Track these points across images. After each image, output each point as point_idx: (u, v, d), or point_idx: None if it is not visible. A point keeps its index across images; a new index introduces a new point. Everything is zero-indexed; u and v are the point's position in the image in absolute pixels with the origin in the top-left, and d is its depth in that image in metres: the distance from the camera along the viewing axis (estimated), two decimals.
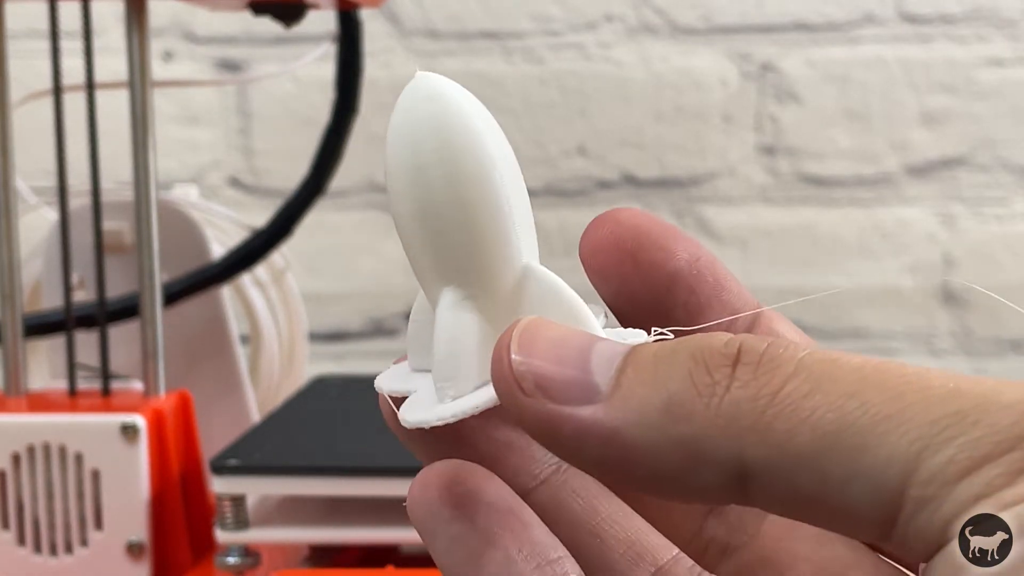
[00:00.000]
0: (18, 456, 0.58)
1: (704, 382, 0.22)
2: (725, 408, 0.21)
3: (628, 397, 0.22)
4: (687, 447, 0.21)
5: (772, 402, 0.21)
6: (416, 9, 1.01)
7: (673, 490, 0.22)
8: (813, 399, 0.21)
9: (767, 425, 0.21)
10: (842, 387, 0.21)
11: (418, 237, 0.25)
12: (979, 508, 0.19)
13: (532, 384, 0.22)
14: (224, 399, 0.73)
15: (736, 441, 0.21)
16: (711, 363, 0.22)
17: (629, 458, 0.22)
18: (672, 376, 0.22)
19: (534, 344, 0.23)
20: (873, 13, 1.00)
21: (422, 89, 0.25)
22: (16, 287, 0.62)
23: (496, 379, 0.23)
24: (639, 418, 0.22)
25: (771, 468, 0.21)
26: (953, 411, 0.20)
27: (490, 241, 0.24)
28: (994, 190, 1.00)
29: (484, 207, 0.24)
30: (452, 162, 0.24)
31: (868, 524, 0.20)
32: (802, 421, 0.20)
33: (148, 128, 0.61)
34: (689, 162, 1.01)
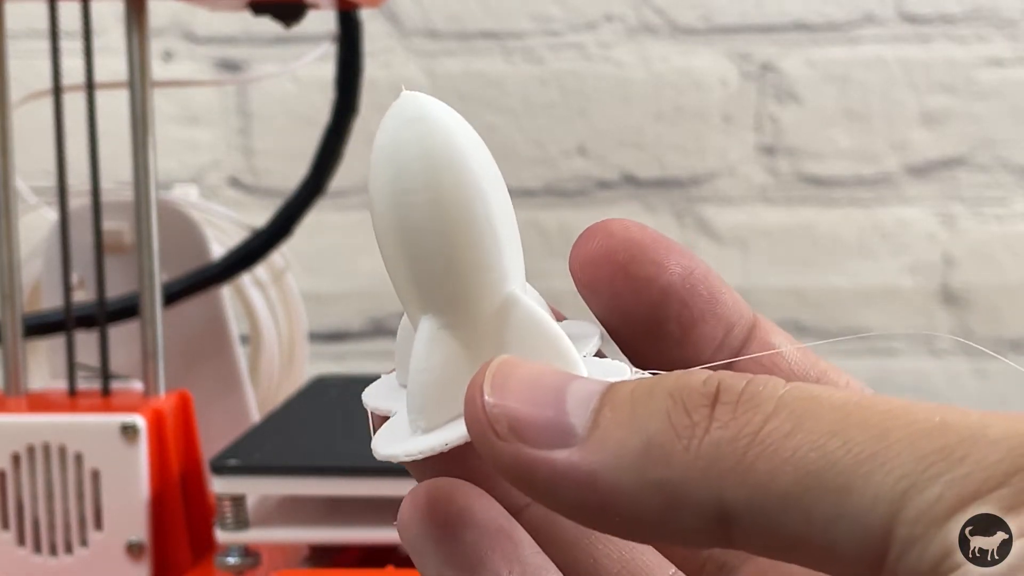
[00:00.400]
0: (18, 456, 0.58)
1: (683, 423, 0.21)
2: (704, 450, 0.21)
3: (605, 439, 0.21)
4: (666, 491, 0.21)
5: (752, 443, 0.20)
6: (416, 9, 1.01)
7: (653, 535, 0.22)
8: (795, 438, 0.20)
9: (748, 466, 0.20)
10: (824, 425, 0.20)
11: (399, 262, 0.24)
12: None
13: (506, 427, 0.22)
14: (224, 399, 0.73)
15: (716, 484, 0.20)
16: (689, 403, 0.21)
17: (607, 503, 0.21)
18: (650, 417, 0.21)
19: (507, 384, 0.22)
20: (873, 13, 1.00)
21: (408, 110, 0.24)
22: (16, 287, 0.62)
23: (469, 421, 0.22)
24: (616, 461, 0.21)
25: (753, 511, 0.20)
26: (939, 447, 0.19)
27: (471, 270, 0.24)
28: (994, 190, 1.00)
29: (466, 234, 0.24)
30: (435, 188, 0.23)
31: (855, 565, 0.20)
32: (784, 461, 0.20)
33: (148, 128, 0.61)
34: (689, 162, 1.01)
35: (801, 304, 1.01)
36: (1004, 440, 0.19)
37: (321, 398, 0.72)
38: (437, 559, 0.24)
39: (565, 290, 0.91)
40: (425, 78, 1.01)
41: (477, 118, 1.01)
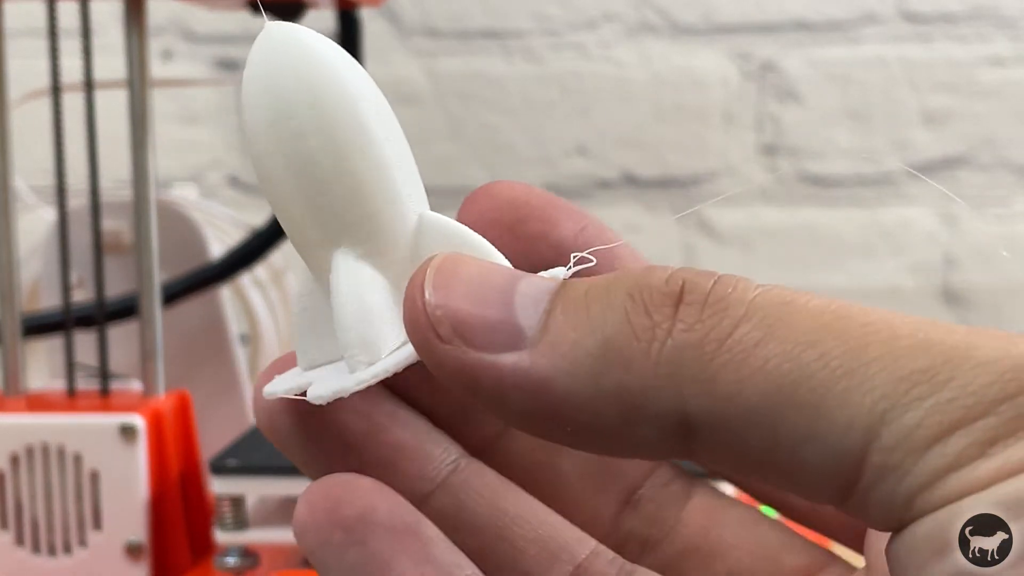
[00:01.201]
0: (17, 457, 0.58)
1: (643, 324, 0.19)
2: (667, 355, 0.19)
3: (557, 342, 0.20)
4: (624, 398, 0.19)
5: (720, 349, 0.19)
6: (416, 9, 1.01)
7: (610, 446, 0.20)
8: (766, 347, 0.19)
9: (713, 375, 0.19)
10: (799, 334, 0.19)
11: (295, 199, 0.22)
12: (948, 481, 0.17)
13: (449, 329, 0.20)
14: (224, 399, 0.72)
15: (678, 392, 0.19)
16: (650, 302, 0.19)
17: (560, 411, 0.19)
18: (607, 317, 0.20)
19: (451, 283, 0.20)
20: (874, 12, 1.00)
21: (277, 37, 0.22)
22: (15, 287, 0.62)
23: (409, 324, 0.20)
24: (570, 366, 0.19)
25: (717, 423, 0.19)
26: (922, 367, 0.18)
27: (378, 190, 0.22)
28: (995, 190, 1.00)
29: (365, 154, 0.22)
30: (324, 109, 0.22)
31: (822, 490, 0.19)
32: (754, 372, 0.18)
33: (147, 127, 0.61)
34: (689, 162, 1.01)
35: None
36: (993, 363, 0.18)
37: None
38: (340, 568, 0.22)
39: None
40: (425, 78, 1.01)
41: (477, 118, 1.01)
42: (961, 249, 1.01)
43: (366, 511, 0.22)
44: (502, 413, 0.20)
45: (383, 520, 0.22)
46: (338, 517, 0.21)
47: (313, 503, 0.22)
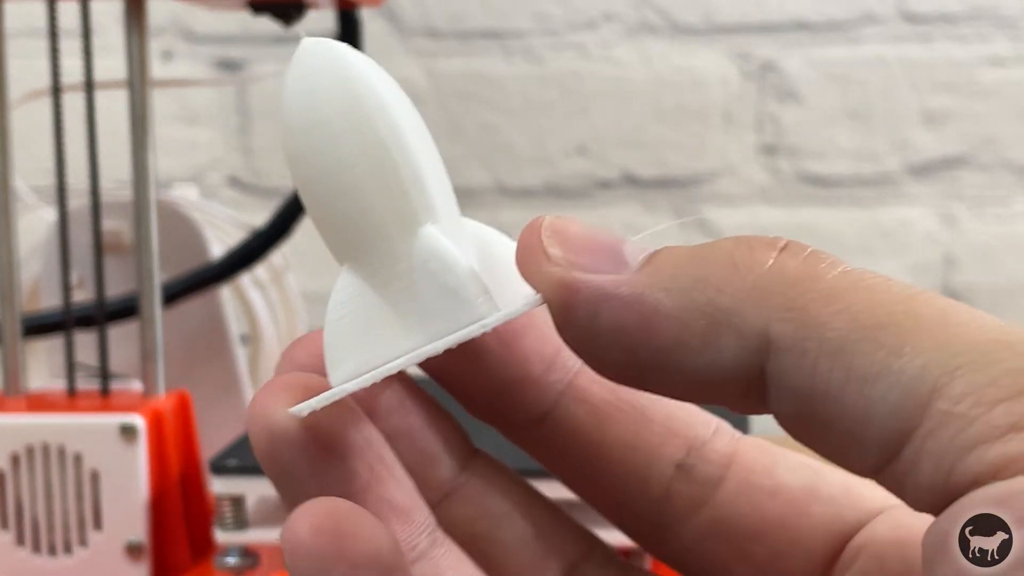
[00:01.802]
0: (17, 456, 0.58)
1: (744, 258, 0.21)
2: (762, 281, 0.20)
3: (660, 268, 0.21)
4: (711, 314, 0.20)
5: (813, 286, 0.20)
6: (416, 9, 1.01)
7: (688, 361, 0.21)
8: (857, 294, 0.20)
9: (803, 305, 0.20)
10: (889, 296, 0.20)
11: (313, 210, 0.23)
12: (1008, 441, 0.18)
13: (559, 254, 0.21)
14: (224, 399, 0.72)
15: (766, 313, 0.20)
16: (755, 243, 0.21)
17: (649, 323, 0.21)
18: (710, 253, 0.21)
19: (566, 227, 0.22)
20: (874, 12, 1.00)
21: (316, 48, 0.23)
22: (15, 287, 0.62)
23: (521, 249, 0.22)
24: (668, 283, 0.21)
25: (796, 348, 0.20)
26: (1000, 339, 0.19)
27: (376, 211, 0.23)
28: (995, 190, 1.00)
29: (364, 167, 0.22)
30: (361, 134, 0.22)
31: (882, 432, 0.19)
32: (842, 309, 0.19)
33: (147, 128, 0.61)
34: (689, 162, 1.01)
35: None
36: None
37: None
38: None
39: None
40: (425, 78, 1.01)
41: (477, 118, 1.01)
42: (961, 249, 1.01)
43: (376, 553, 0.21)
44: (591, 325, 0.21)
45: (386, 567, 0.21)
46: (347, 552, 0.21)
47: (319, 527, 0.21)
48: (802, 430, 0.20)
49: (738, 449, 0.25)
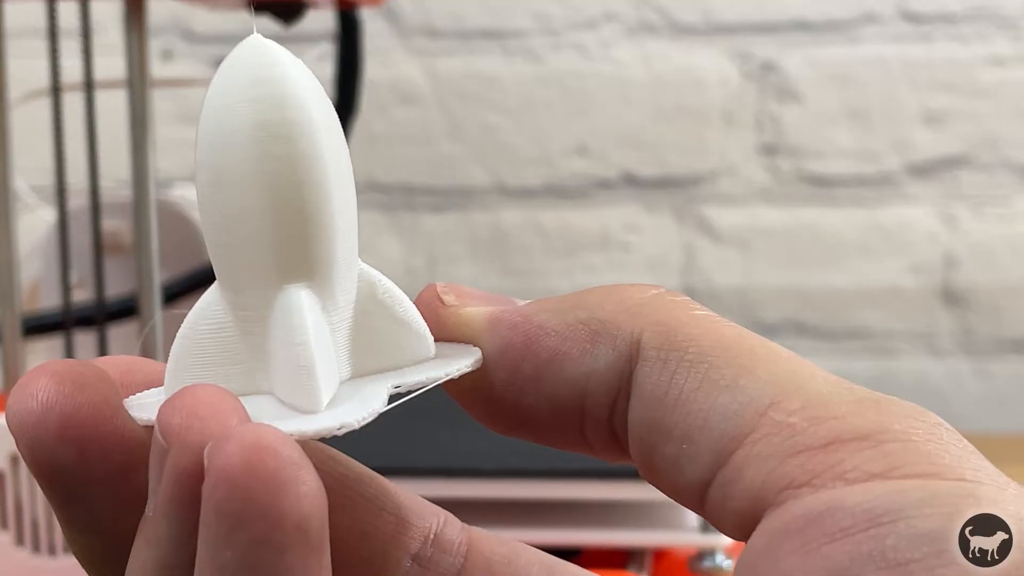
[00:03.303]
0: (17, 457, 0.58)
1: (624, 289, 0.23)
2: (639, 304, 0.22)
3: (545, 301, 0.23)
4: (592, 327, 0.22)
5: (684, 313, 0.22)
6: (416, 8, 1.01)
7: (567, 369, 0.22)
8: (722, 327, 0.22)
9: (673, 325, 0.22)
10: (750, 335, 0.22)
11: (258, 227, 0.21)
12: (834, 451, 0.19)
13: (452, 296, 0.24)
14: None
15: (640, 325, 0.22)
16: (637, 284, 0.23)
17: (533, 339, 0.23)
18: (593, 290, 0.23)
19: (459, 286, 0.24)
20: (874, 12, 1.00)
21: (248, 48, 0.21)
22: (15, 287, 0.62)
23: (418, 300, 0.24)
24: (551, 305, 0.23)
25: (660, 357, 0.21)
26: (843, 384, 0.20)
27: (344, 234, 0.22)
28: (995, 190, 1.00)
29: (331, 194, 0.21)
30: (306, 138, 0.21)
31: (716, 440, 0.20)
32: (706, 333, 0.21)
33: (147, 127, 0.61)
34: (689, 162, 1.01)
35: (802, 304, 1.01)
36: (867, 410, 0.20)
37: None
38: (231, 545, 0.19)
39: (565, 290, 0.92)
40: (425, 78, 1.01)
41: (477, 118, 1.01)
42: (961, 249, 1.01)
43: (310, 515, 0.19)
44: (484, 343, 0.23)
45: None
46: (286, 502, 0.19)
47: (255, 462, 0.18)
48: (646, 445, 0.22)
49: (472, 538, 0.25)
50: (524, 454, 0.56)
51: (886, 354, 1.01)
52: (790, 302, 1.01)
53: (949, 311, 1.01)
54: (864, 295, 1.01)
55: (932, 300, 1.01)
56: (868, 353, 1.01)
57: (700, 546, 0.56)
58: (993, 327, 1.01)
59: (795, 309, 1.01)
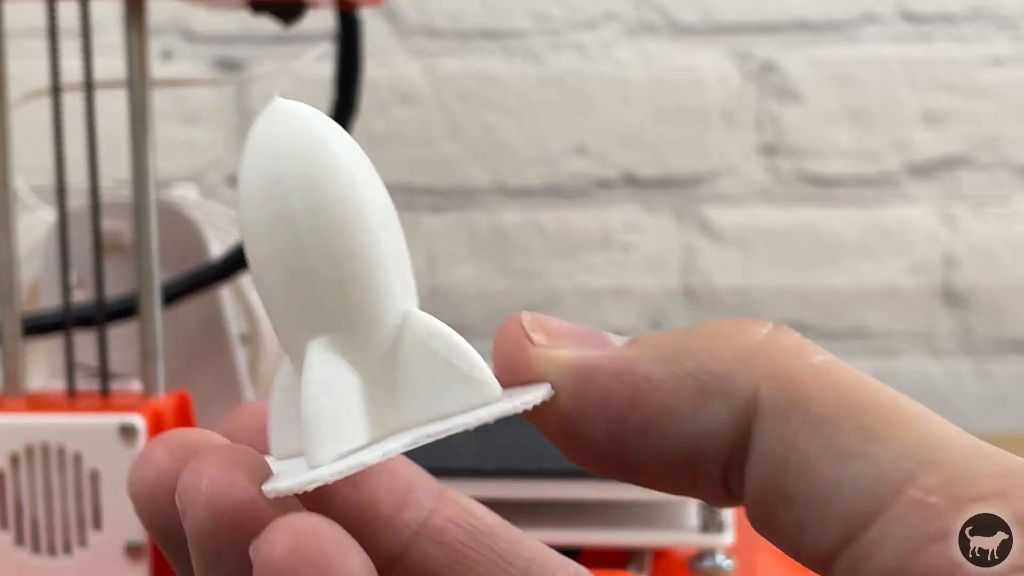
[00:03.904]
0: (16, 456, 0.58)
1: (733, 330, 0.21)
2: (751, 351, 0.20)
3: (646, 343, 0.21)
4: (703, 380, 0.20)
5: (802, 362, 0.20)
6: (416, 8, 1.01)
7: (676, 427, 0.21)
8: (847, 374, 0.20)
9: (792, 377, 0.20)
10: (874, 385, 0.20)
11: (278, 281, 0.21)
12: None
13: (542, 334, 0.22)
14: (224, 399, 0.72)
15: (755, 379, 0.20)
16: (744, 321, 0.21)
17: (638, 392, 0.21)
18: (698, 330, 0.21)
19: (546, 321, 0.22)
20: (874, 12, 1.00)
21: (278, 110, 0.22)
22: (15, 287, 0.62)
23: (501, 333, 0.22)
24: (655, 352, 0.21)
25: (780, 415, 0.20)
26: (981, 448, 0.19)
27: (363, 281, 0.21)
28: (995, 190, 1.00)
29: (353, 240, 0.21)
30: (314, 188, 0.21)
31: (845, 513, 0.19)
32: (828, 387, 0.20)
33: (147, 127, 0.61)
34: (689, 162, 1.01)
35: (802, 304, 1.01)
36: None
37: None
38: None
39: (565, 290, 0.92)
40: (425, 78, 1.01)
41: (477, 118, 1.01)
42: (961, 249, 1.01)
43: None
44: (580, 397, 0.21)
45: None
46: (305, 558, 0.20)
47: (298, 548, 0.20)
48: (765, 506, 0.20)
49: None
50: (524, 454, 0.56)
51: (886, 354, 1.01)
52: (790, 302, 1.01)
53: (949, 311, 1.01)
54: (864, 295, 1.01)
55: (932, 300, 1.01)
56: (868, 353, 1.01)
57: (700, 546, 0.56)
58: (993, 327, 1.01)
59: (795, 309, 1.01)
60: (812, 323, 1.01)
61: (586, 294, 1.00)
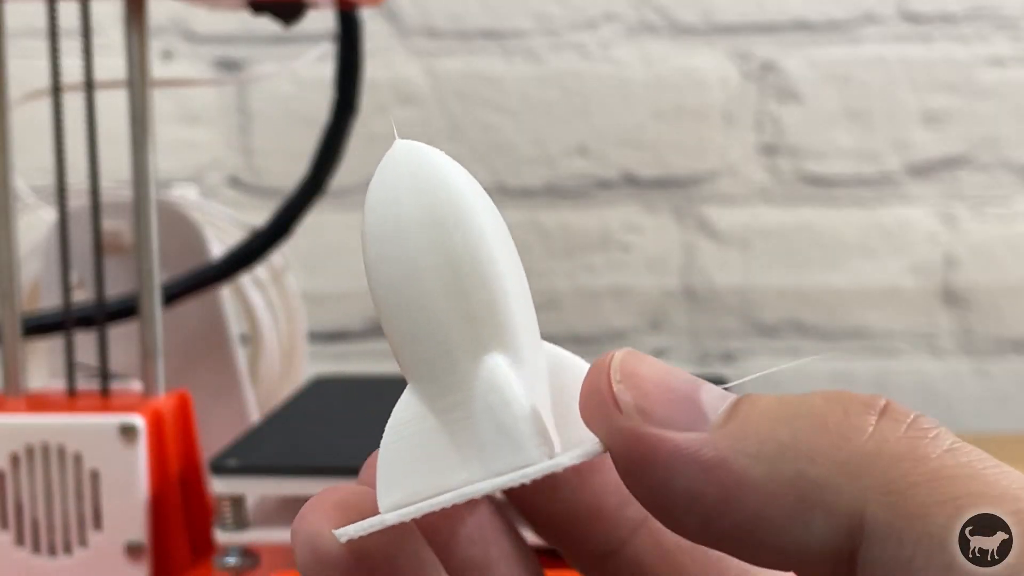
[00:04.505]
0: (17, 456, 0.58)
1: (838, 422, 0.19)
2: (859, 456, 0.18)
3: (743, 427, 0.19)
4: (803, 489, 0.18)
5: (916, 467, 0.18)
6: (416, 8, 1.01)
7: (773, 538, 0.19)
8: (967, 485, 0.18)
9: (905, 489, 0.18)
10: (999, 490, 0.18)
11: (384, 322, 0.22)
12: None
13: (631, 403, 0.20)
14: (224, 399, 0.72)
15: (863, 493, 0.18)
16: (850, 406, 0.19)
17: (732, 493, 0.19)
18: (800, 412, 0.19)
19: (637, 368, 0.20)
20: (874, 12, 1.00)
21: (403, 152, 0.22)
22: (15, 287, 0.62)
23: (587, 393, 0.20)
24: (753, 448, 0.19)
25: (893, 537, 0.18)
26: None
27: (440, 338, 0.22)
28: (995, 190, 1.00)
29: (439, 292, 0.22)
30: (411, 239, 0.22)
31: None
32: (947, 500, 0.18)
33: (147, 127, 0.61)
34: (689, 162, 1.01)
35: (802, 304, 1.01)
36: None
37: (321, 398, 0.72)
38: None
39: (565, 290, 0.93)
40: (425, 78, 1.01)
41: (477, 118, 1.01)
42: (961, 249, 1.01)
43: None
44: (667, 490, 0.20)
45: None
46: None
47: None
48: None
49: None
50: None
51: (886, 354, 1.01)
52: (790, 302, 1.01)
53: (949, 311, 1.01)
54: (864, 295, 1.01)
55: (932, 300, 1.01)
56: (868, 353, 1.01)
57: None
58: (993, 327, 1.01)
59: (795, 309, 1.01)
60: (812, 323, 1.01)
61: (586, 294, 1.00)
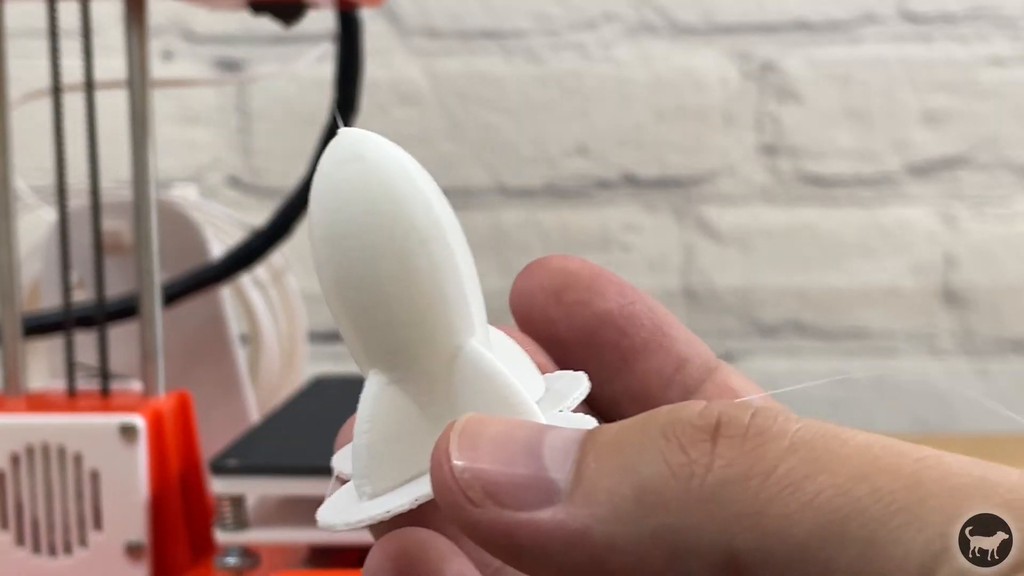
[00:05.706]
0: (17, 456, 0.58)
1: (679, 462, 0.19)
2: (709, 491, 0.18)
3: (592, 491, 0.19)
4: (667, 540, 0.19)
5: (765, 483, 0.18)
6: (416, 9, 1.01)
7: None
8: (815, 481, 0.18)
9: (760, 510, 0.18)
10: (850, 468, 0.18)
11: (341, 314, 0.22)
12: None
13: (480, 491, 0.20)
14: (224, 399, 0.72)
15: (725, 529, 0.18)
16: (685, 439, 0.19)
17: (602, 560, 0.19)
18: (641, 459, 0.19)
19: (477, 444, 0.20)
20: (874, 12, 1.00)
21: (343, 149, 0.22)
22: (15, 287, 0.62)
23: (438, 489, 0.20)
24: (608, 513, 0.19)
25: (767, 560, 0.18)
26: (979, 509, 0.18)
27: (415, 321, 0.22)
28: (995, 190, 1.00)
29: (408, 283, 0.21)
30: (372, 234, 0.21)
31: None
32: (803, 506, 0.18)
33: (147, 127, 0.61)
34: (689, 162, 1.01)
35: (802, 304, 1.01)
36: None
37: (320, 398, 0.72)
38: None
39: None
40: (425, 78, 1.01)
41: (477, 118, 1.01)
42: (961, 249, 1.01)
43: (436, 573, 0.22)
44: (544, 570, 0.20)
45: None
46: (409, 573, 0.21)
47: (388, 553, 0.22)
48: None
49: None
50: None
51: (886, 354, 1.01)
52: (790, 302, 1.01)
53: (949, 311, 1.01)
54: (864, 295, 1.01)
55: (932, 300, 1.01)
56: (868, 353, 1.01)
57: None
58: (993, 327, 1.01)
59: (795, 309, 1.01)
60: (812, 323, 1.01)
61: None
